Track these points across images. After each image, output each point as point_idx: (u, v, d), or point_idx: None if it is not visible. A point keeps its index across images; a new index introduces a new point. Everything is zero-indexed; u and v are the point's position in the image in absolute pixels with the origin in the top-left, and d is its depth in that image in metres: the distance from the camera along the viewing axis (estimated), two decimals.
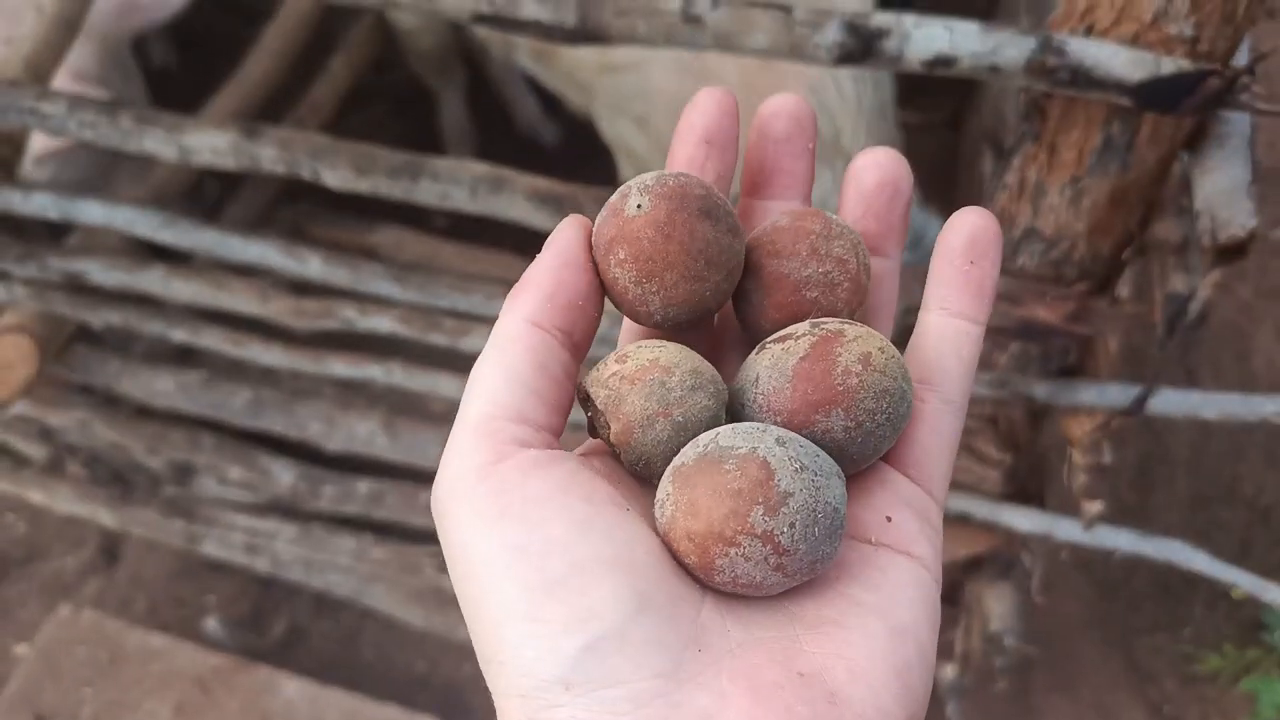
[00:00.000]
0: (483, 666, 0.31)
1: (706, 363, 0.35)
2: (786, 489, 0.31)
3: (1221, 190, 0.73)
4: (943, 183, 1.80)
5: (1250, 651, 1.35)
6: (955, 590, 1.20)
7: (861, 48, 0.71)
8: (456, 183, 0.92)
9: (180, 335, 1.22)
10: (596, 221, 0.36)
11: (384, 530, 1.45)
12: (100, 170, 1.42)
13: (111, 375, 1.35)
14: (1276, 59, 0.77)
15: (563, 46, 1.36)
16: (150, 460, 1.43)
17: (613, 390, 0.34)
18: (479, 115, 1.97)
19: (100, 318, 1.23)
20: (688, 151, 0.38)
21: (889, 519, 0.34)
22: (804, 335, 0.34)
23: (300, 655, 1.53)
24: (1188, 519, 1.53)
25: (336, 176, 0.94)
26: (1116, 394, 0.89)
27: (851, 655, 0.31)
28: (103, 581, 1.62)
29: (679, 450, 0.33)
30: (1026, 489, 1.07)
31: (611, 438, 0.34)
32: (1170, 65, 0.67)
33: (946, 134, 1.90)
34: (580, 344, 0.35)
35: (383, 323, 1.08)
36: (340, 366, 1.17)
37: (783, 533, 0.30)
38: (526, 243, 1.51)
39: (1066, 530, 1.01)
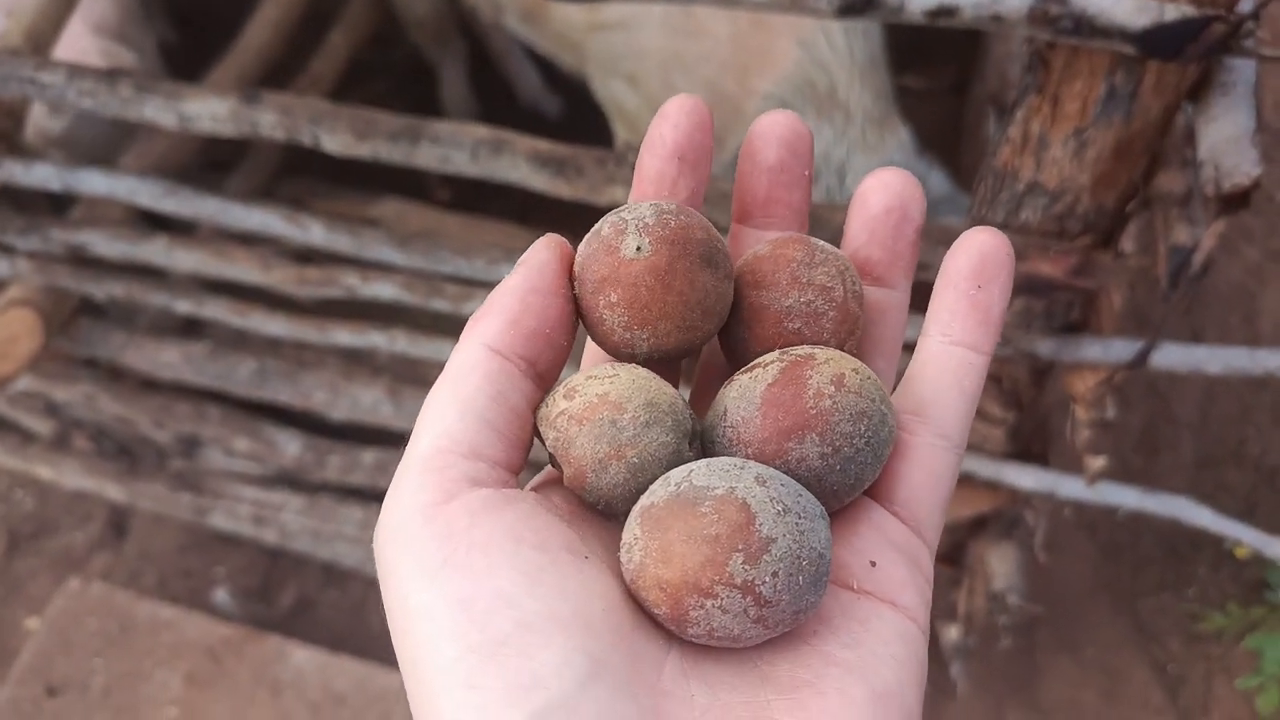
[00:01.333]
0: None
1: (667, 389, 0.32)
2: (769, 534, 0.28)
3: (1226, 138, 0.72)
4: (947, 148, 1.79)
5: (1254, 609, 1.35)
6: (959, 550, 1.21)
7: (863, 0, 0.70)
8: (457, 146, 0.92)
9: (184, 306, 1.22)
10: (582, 253, 0.33)
11: None
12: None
13: (116, 348, 1.35)
14: None
15: (553, 5, 1.36)
16: (157, 433, 1.44)
17: (561, 432, 0.31)
18: (481, 89, 1.96)
19: (104, 290, 1.23)
20: (658, 166, 0.36)
21: (873, 564, 0.31)
22: (773, 363, 0.32)
23: (309, 625, 1.54)
24: (1194, 480, 1.53)
25: (336, 141, 0.94)
26: (1120, 349, 0.89)
27: None
28: (111, 555, 1.63)
29: (640, 491, 0.31)
30: (1030, 448, 1.07)
31: (565, 482, 0.32)
32: (1173, 11, 0.66)
33: (950, 99, 1.89)
34: (546, 374, 0.33)
35: (385, 289, 1.08)
36: (344, 335, 1.17)
37: (764, 583, 0.28)
38: (529, 212, 1.50)
39: (1070, 488, 1.01)
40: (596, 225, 0.34)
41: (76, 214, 1.28)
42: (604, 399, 0.31)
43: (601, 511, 0.32)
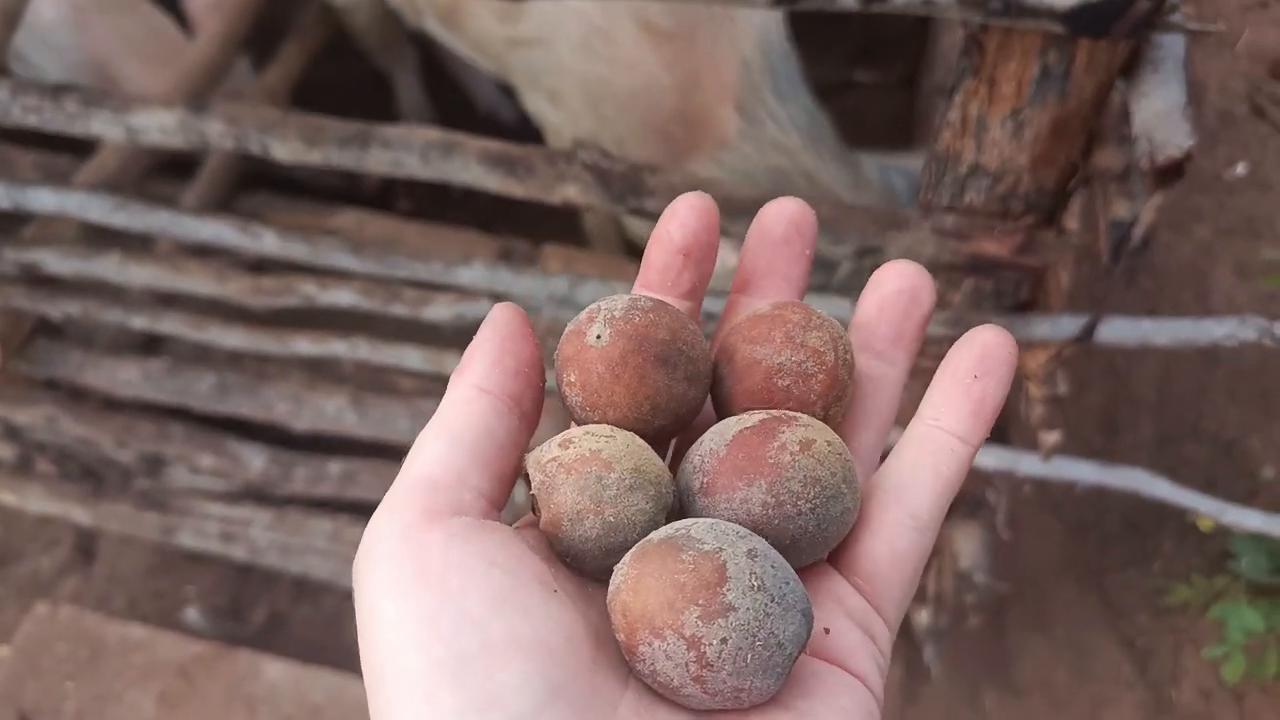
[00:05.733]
0: None
1: (655, 460, 0.33)
2: (732, 601, 0.28)
3: (1158, 113, 0.74)
4: (898, 140, 1.81)
5: (1218, 580, 1.37)
6: None
7: None
8: (407, 149, 0.92)
9: (140, 322, 1.21)
10: (566, 330, 0.35)
11: (359, 510, 1.45)
12: None
13: (75, 368, 1.34)
14: None
15: (469, 12, 1.34)
16: (120, 453, 1.43)
17: (549, 477, 0.32)
18: (439, 98, 1.96)
19: (59, 309, 1.22)
20: (664, 259, 0.37)
21: (826, 630, 0.32)
22: (759, 414, 0.34)
23: (282, 640, 1.53)
24: (1154, 457, 1.55)
25: (286, 149, 0.94)
26: (1068, 325, 0.91)
27: None
28: (80, 580, 1.62)
29: (608, 551, 0.32)
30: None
31: (541, 526, 0.33)
32: None
33: (901, 92, 1.91)
34: (530, 413, 0.34)
35: (343, 296, 1.08)
36: (304, 344, 1.17)
37: (710, 645, 0.28)
38: (492, 222, 1.50)
39: (1029, 465, 1.02)
40: (587, 308, 0.36)
41: (30, 233, 1.27)
42: (596, 455, 0.32)
43: (568, 564, 0.33)
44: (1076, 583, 1.49)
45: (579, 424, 0.35)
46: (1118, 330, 0.90)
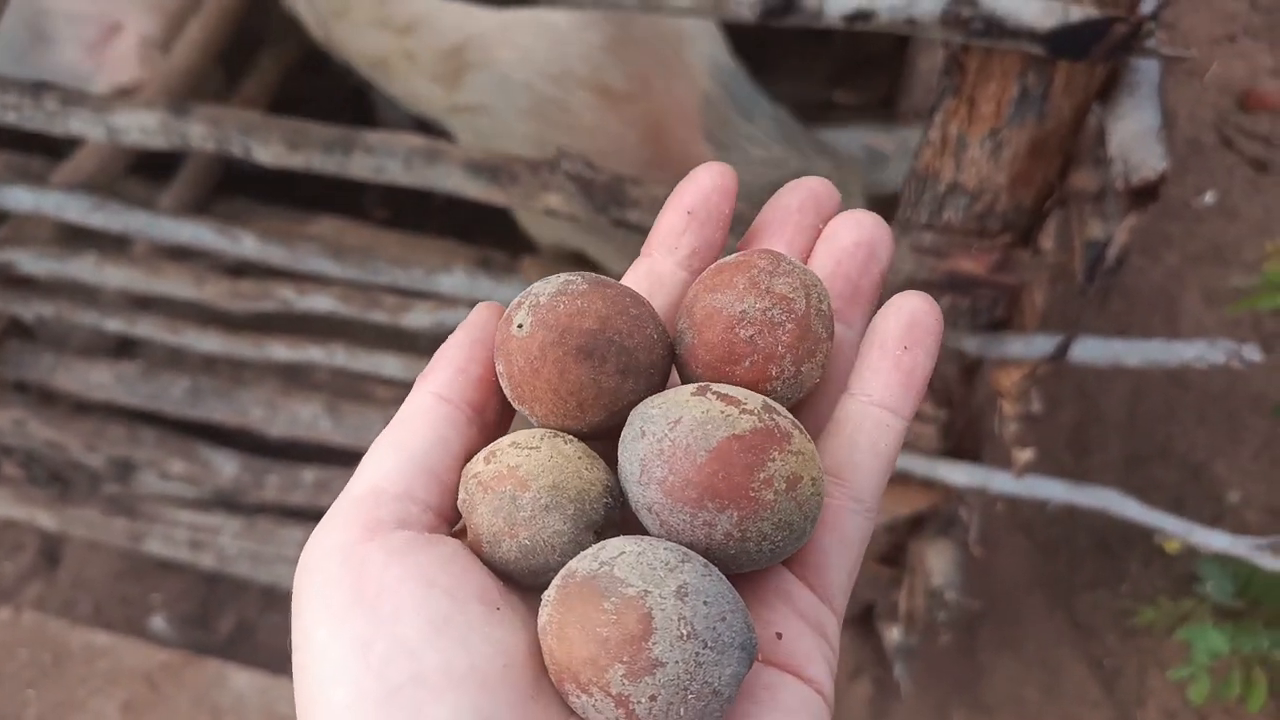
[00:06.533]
0: None
1: (586, 472, 0.31)
2: (659, 657, 0.26)
3: (1133, 135, 0.75)
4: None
5: (1184, 603, 1.39)
6: (898, 550, 1.23)
7: (783, 4, 0.72)
8: (390, 155, 0.92)
9: (115, 325, 1.20)
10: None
11: None
12: None
13: (46, 370, 1.32)
14: (1179, 8, 0.80)
15: (398, 73, 1.29)
16: (89, 458, 1.41)
17: (469, 495, 0.31)
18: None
19: (32, 310, 1.21)
20: (669, 219, 0.36)
21: (779, 635, 0.31)
22: (754, 412, 0.30)
23: (249, 650, 1.52)
24: (1123, 478, 1.57)
25: (269, 153, 0.93)
26: (1042, 344, 0.92)
27: None
28: (44, 585, 1.59)
29: (531, 571, 0.30)
30: (962, 445, 1.09)
31: (468, 543, 0.31)
32: (1078, 13, 0.69)
33: (881, 113, 1.93)
34: (492, 423, 0.33)
35: (322, 302, 1.08)
36: (281, 350, 1.16)
37: (639, 703, 0.27)
38: (470, 233, 1.49)
39: (1001, 483, 1.03)
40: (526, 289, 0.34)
41: (3, 231, 1.26)
42: (513, 472, 0.30)
43: (502, 579, 0.31)
44: (1046, 601, 1.50)
45: (518, 409, 0.33)
46: (1090, 350, 0.92)
